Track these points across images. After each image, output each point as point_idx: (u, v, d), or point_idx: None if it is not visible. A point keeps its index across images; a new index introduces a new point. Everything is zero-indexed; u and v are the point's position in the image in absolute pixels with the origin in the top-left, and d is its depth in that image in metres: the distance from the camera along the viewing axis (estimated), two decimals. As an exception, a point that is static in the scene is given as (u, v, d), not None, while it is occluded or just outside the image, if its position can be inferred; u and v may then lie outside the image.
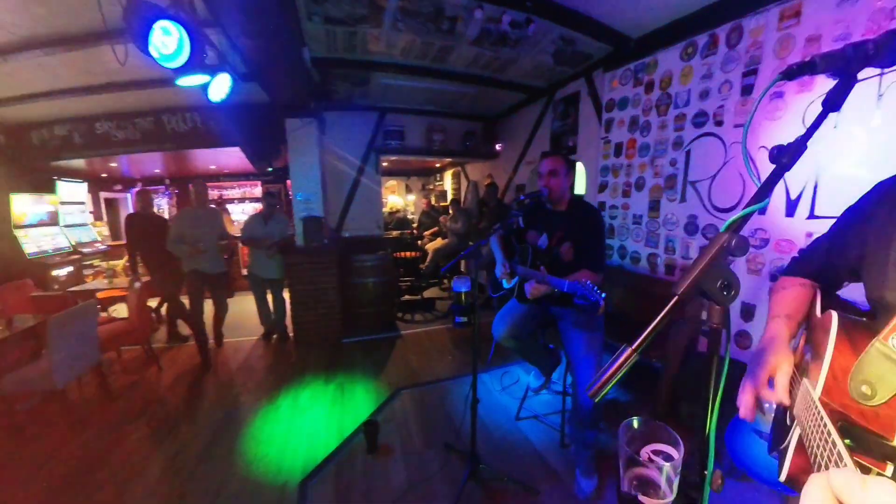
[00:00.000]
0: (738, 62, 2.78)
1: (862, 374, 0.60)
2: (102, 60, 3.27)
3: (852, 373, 0.61)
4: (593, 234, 2.22)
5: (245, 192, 10.39)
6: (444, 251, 6.45)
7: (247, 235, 4.45)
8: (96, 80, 3.91)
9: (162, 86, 4.00)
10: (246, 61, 3.41)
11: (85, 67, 3.57)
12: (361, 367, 3.84)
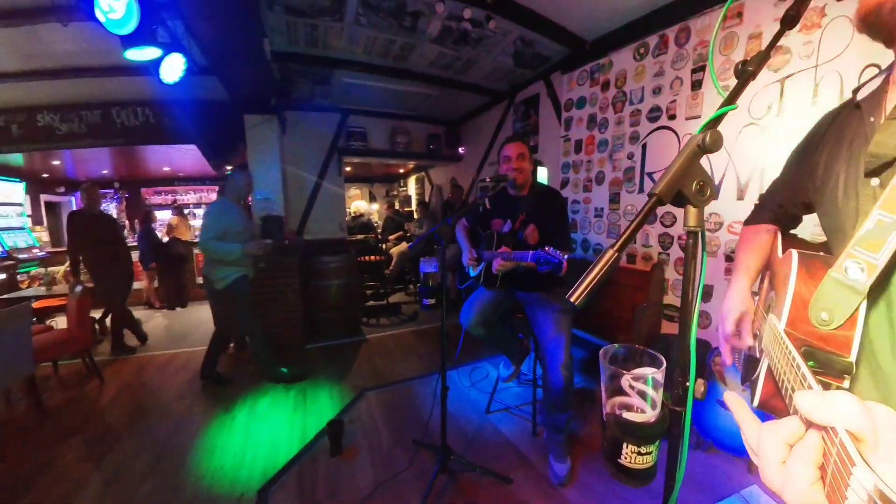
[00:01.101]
0: (687, 60, 2.94)
1: (821, 303, 0.62)
2: (45, 41, 3.02)
3: (812, 302, 0.63)
4: (556, 215, 2.26)
5: (202, 197, 9.93)
6: (409, 255, 6.39)
7: None
8: (37, 64, 3.59)
9: (112, 74, 3.75)
10: (203, 49, 3.25)
11: (24, 49, 3.27)
12: (325, 372, 3.67)
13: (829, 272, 0.62)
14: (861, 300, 0.58)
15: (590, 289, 0.58)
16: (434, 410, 2.13)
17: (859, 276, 0.59)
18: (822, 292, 0.63)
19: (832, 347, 0.60)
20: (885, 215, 0.58)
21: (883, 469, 0.29)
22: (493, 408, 2.83)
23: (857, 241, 0.60)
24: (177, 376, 3.66)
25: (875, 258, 0.58)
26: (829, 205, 0.77)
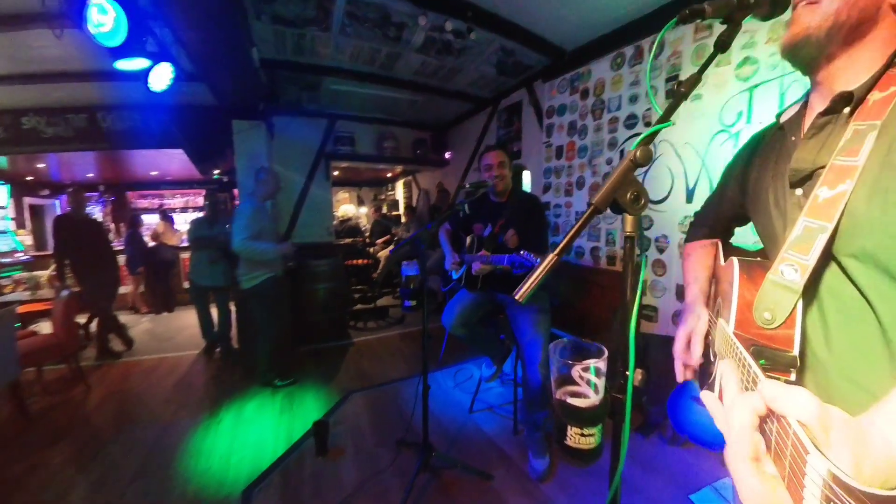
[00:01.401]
0: (661, 69, 3.05)
1: (763, 304, 0.69)
2: (31, 46, 3.03)
3: (755, 304, 0.70)
4: (534, 220, 2.35)
5: (188, 201, 9.84)
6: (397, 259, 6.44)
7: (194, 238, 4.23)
8: (23, 68, 3.58)
9: (99, 80, 3.75)
10: (191, 57, 3.29)
11: (10, 53, 3.27)
12: (312, 374, 3.71)
13: (767, 275, 0.69)
14: (797, 299, 0.66)
15: (532, 287, 0.66)
16: (416, 409, 2.19)
17: (794, 276, 0.66)
18: (763, 294, 0.69)
19: (777, 344, 0.67)
20: (811, 221, 0.66)
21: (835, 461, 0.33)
22: (476, 407, 2.90)
23: (789, 246, 0.68)
24: (163, 381, 3.66)
25: (806, 259, 0.65)
26: (762, 215, 0.86)
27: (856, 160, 0.62)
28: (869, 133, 0.62)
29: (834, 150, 0.66)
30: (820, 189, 0.66)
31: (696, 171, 2.82)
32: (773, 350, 0.67)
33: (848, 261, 0.65)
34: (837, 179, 0.64)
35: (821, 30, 0.65)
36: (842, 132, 0.66)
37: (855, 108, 0.66)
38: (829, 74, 0.70)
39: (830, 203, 0.64)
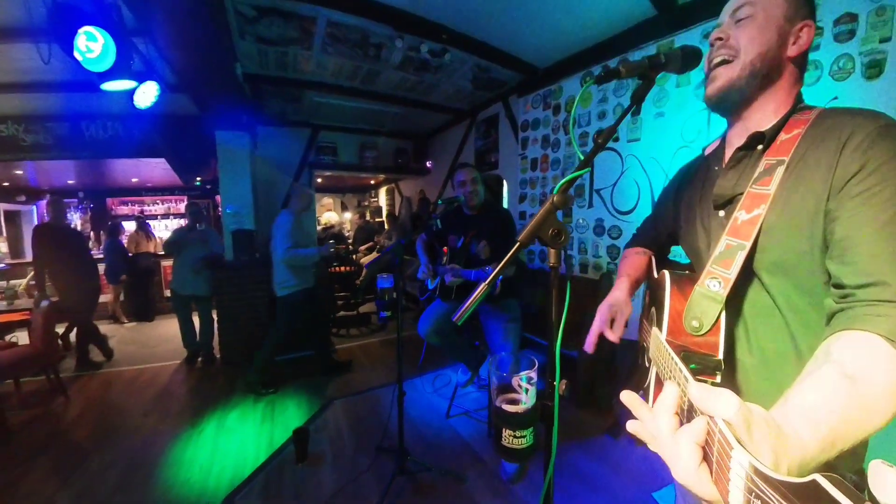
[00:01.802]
0: (627, 88, 3.23)
1: (692, 313, 0.78)
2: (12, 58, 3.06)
3: (685, 313, 0.79)
4: (504, 231, 2.49)
5: (170, 208, 9.71)
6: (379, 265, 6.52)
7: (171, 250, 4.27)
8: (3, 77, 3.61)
9: (81, 90, 3.77)
10: (176, 73, 3.35)
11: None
12: (295, 383, 3.76)
13: (695, 287, 0.80)
14: (721, 309, 0.76)
15: (467, 311, 0.77)
16: (393, 415, 2.28)
17: (718, 288, 0.76)
18: (692, 304, 0.79)
19: (704, 350, 0.76)
20: (732, 240, 0.78)
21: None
22: (452, 412, 3.00)
23: (714, 261, 0.79)
24: (144, 392, 3.68)
25: (728, 273, 0.76)
26: (690, 234, 0.99)
27: (768, 189, 0.74)
28: (778, 167, 0.75)
29: (750, 179, 0.79)
30: (739, 212, 0.78)
31: (661, 183, 2.99)
32: (701, 355, 0.76)
33: (764, 275, 0.77)
34: (753, 205, 0.76)
35: (741, 79, 0.78)
36: (756, 165, 0.80)
37: (767, 146, 0.79)
38: (746, 116, 0.84)
39: (748, 224, 0.76)
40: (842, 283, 0.63)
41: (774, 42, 0.76)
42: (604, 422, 2.81)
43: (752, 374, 0.80)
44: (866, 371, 0.52)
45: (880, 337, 0.54)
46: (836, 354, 0.55)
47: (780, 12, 0.76)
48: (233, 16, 2.89)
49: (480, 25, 3.18)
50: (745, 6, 0.78)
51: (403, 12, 2.93)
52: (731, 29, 0.80)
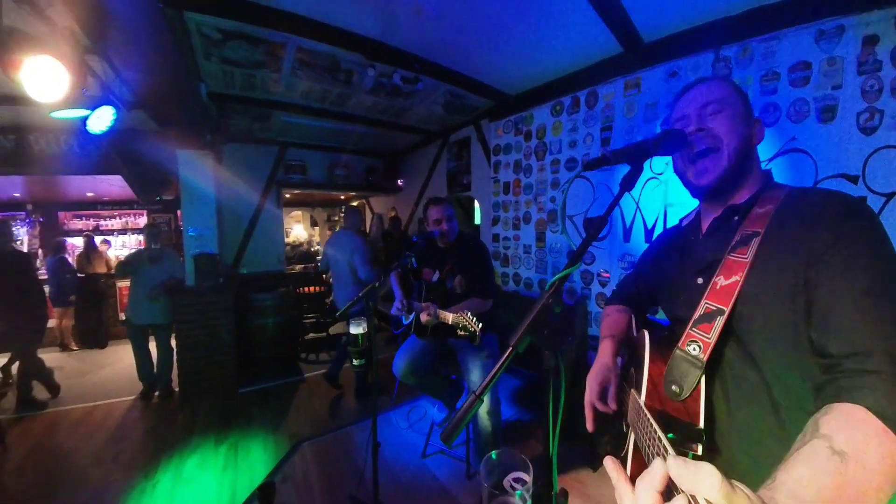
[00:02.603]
0: (596, 119, 3.30)
1: (671, 377, 0.78)
2: None
3: (664, 377, 0.79)
4: (478, 265, 2.46)
5: (128, 223, 9.07)
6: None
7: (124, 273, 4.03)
8: None
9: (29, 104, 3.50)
10: (135, 94, 3.15)
11: None
12: (259, 420, 3.56)
13: (675, 350, 0.80)
14: (701, 373, 0.75)
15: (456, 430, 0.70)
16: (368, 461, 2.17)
17: (698, 352, 0.77)
18: (672, 367, 0.79)
19: (684, 417, 0.75)
20: (711, 304, 0.80)
21: None
22: (428, 451, 2.91)
23: (693, 324, 0.80)
24: (94, 436, 3.38)
25: (708, 337, 0.77)
26: (670, 297, 1.01)
27: (745, 258, 0.78)
28: (754, 238, 0.78)
29: (726, 248, 0.82)
30: (718, 278, 0.80)
31: (632, 213, 3.05)
32: (681, 422, 0.75)
33: (745, 341, 0.78)
34: (731, 272, 0.79)
35: (731, 165, 0.85)
36: (732, 235, 0.83)
37: (742, 218, 0.84)
38: (723, 192, 0.89)
39: (726, 290, 0.78)
40: (827, 351, 0.65)
41: (747, 133, 0.86)
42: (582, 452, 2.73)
43: (733, 447, 0.79)
44: (856, 447, 0.52)
45: (868, 411, 0.55)
46: (825, 429, 0.55)
47: (741, 110, 0.87)
48: (197, 37, 2.75)
49: (452, 55, 3.18)
50: (713, 103, 0.87)
51: (375, 41, 2.88)
52: (707, 121, 0.87)
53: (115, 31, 2.31)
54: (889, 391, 0.55)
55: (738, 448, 0.78)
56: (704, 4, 2.40)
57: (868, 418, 0.54)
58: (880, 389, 0.56)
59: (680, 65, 2.75)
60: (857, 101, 2.08)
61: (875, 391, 0.56)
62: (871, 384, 0.57)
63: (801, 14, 2.21)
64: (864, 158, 2.05)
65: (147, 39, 2.44)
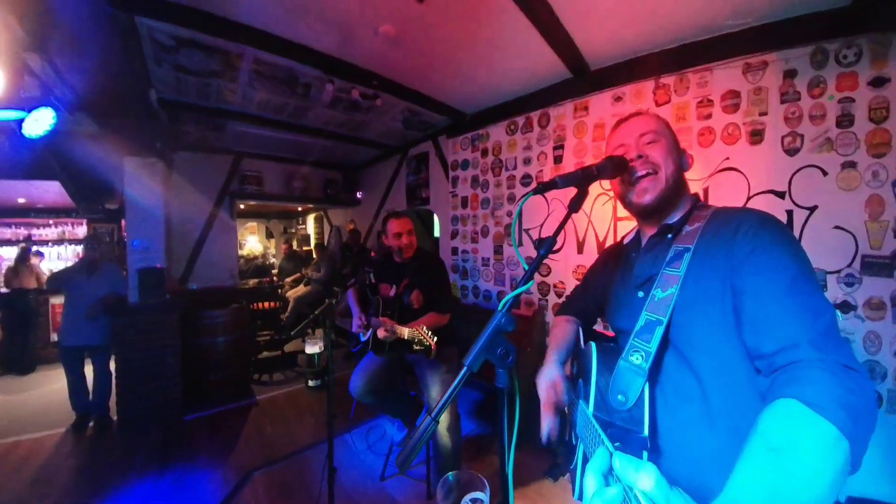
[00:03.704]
0: (549, 139, 3.43)
1: (617, 387, 0.81)
2: None
3: (610, 387, 0.82)
4: (435, 280, 2.46)
5: (65, 233, 8.18)
6: (307, 299, 6.19)
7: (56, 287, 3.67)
8: None
9: None
10: (78, 96, 2.93)
11: None
12: (207, 450, 3.30)
13: (619, 360, 0.84)
14: (644, 382, 0.79)
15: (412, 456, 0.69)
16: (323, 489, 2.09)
17: (640, 362, 0.81)
18: (617, 377, 0.83)
19: (630, 426, 0.78)
20: (651, 315, 0.85)
21: None
22: (388, 473, 2.83)
23: (635, 335, 0.85)
24: (17, 475, 3.01)
25: (649, 347, 0.82)
26: (614, 309, 1.07)
27: (678, 271, 0.84)
28: (685, 253, 0.86)
29: (662, 263, 0.89)
30: (655, 290, 0.87)
31: (584, 226, 3.17)
32: (626, 431, 0.78)
33: (682, 348, 0.84)
34: (667, 284, 0.85)
35: (669, 188, 0.94)
36: (667, 251, 0.90)
37: (675, 236, 0.92)
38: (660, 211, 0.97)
39: (664, 302, 0.84)
40: (761, 351, 0.71)
41: (678, 160, 0.96)
42: (542, 463, 2.77)
43: (671, 447, 0.83)
44: (789, 440, 0.55)
45: (797, 401, 0.57)
46: (762, 428, 0.58)
47: (672, 141, 0.98)
48: (148, 42, 2.61)
49: (410, 75, 3.22)
50: (649, 133, 0.97)
51: (334, 58, 2.87)
52: (645, 149, 0.95)
53: (59, 30, 2.15)
54: (816, 377, 0.60)
55: (676, 451, 0.82)
56: (644, 38, 2.61)
57: (799, 409, 0.57)
58: (808, 378, 0.60)
59: (624, 90, 2.95)
60: (781, 125, 2.31)
61: (803, 381, 0.60)
62: (800, 375, 0.61)
63: (729, 50, 2.45)
64: (789, 176, 2.28)
65: (94, 40, 2.30)
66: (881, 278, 2.06)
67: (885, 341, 2.06)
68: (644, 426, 0.77)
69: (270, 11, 2.35)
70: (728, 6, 2.21)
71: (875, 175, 2.06)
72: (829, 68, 2.19)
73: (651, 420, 0.79)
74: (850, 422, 0.55)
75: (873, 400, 0.60)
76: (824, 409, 0.55)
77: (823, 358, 0.62)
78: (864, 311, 2.10)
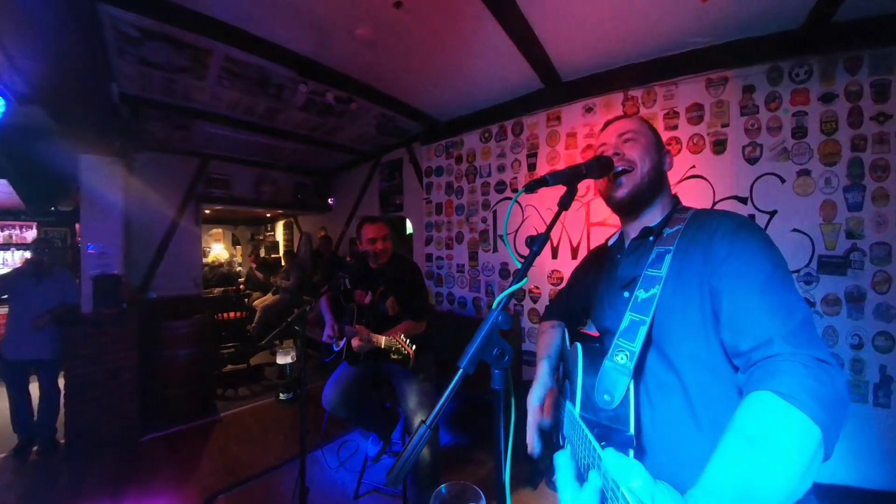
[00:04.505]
0: (522, 146, 3.50)
1: (603, 386, 0.82)
2: None
3: (596, 387, 0.83)
4: (411, 287, 2.41)
5: (11, 236, 7.51)
6: (275, 308, 5.98)
7: None
8: None
9: None
10: (31, 86, 2.72)
11: None
12: (165, 473, 3.03)
13: (604, 360, 0.85)
14: (629, 381, 0.80)
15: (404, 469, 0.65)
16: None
17: (625, 361, 0.82)
18: (602, 377, 0.83)
19: (616, 424, 0.78)
20: (634, 315, 0.86)
21: None
22: (362, 490, 2.69)
23: (620, 335, 0.86)
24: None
25: (633, 347, 0.83)
26: (599, 310, 1.08)
27: (660, 272, 0.87)
28: (667, 254, 0.88)
29: (645, 264, 0.91)
30: (639, 291, 0.88)
31: (559, 232, 3.23)
32: (613, 430, 0.78)
33: (665, 347, 0.85)
34: (650, 285, 0.87)
35: (643, 184, 0.97)
36: (649, 252, 0.92)
37: (656, 238, 0.94)
38: (640, 215, 1.00)
39: (647, 302, 0.86)
40: (739, 349, 0.73)
41: (657, 160, 0.99)
42: (522, 471, 2.72)
43: (656, 445, 0.84)
44: (764, 430, 0.57)
45: (772, 393, 0.60)
46: (739, 420, 0.60)
47: (651, 140, 1.01)
48: (111, 32, 2.45)
49: (385, 80, 3.20)
50: (629, 132, 1.00)
51: (308, 59, 2.81)
52: (623, 147, 0.99)
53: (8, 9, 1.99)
54: (789, 370, 0.62)
55: (660, 448, 0.84)
56: (614, 53, 2.72)
57: (773, 400, 0.59)
58: (782, 371, 0.63)
59: (595, 102, 3.06)
60: (742, 136, 2.47)
61: (778, 374, 0.63)
62: (774, 368, 0.64)
63: (693, 66, 2.60)
64: (750, 183, 2.44)
65: (50, 26, 2.12)
66: (836, 276, 2.24)
67: (842, 335, 2.23)
68: (630, 425, 0.78)
69: (244, 7, 2.28)
70: (692, 26, 2.33)
71: (828, 182, 2.24)
72: (784, 85, 2.36)
73: (636, 418, 0.80)
74: (822, 412, 0.57)
75: (845, 391, 0.62)
76: (797, 399, 0.58)
77: (797, 352, 0.64)
78: (822, 307, 2.27)
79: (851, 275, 2.21)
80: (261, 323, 5.95)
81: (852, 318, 2.22)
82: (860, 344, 2.20)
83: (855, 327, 2.21)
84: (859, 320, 2.21)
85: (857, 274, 2.20)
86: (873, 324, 2.18)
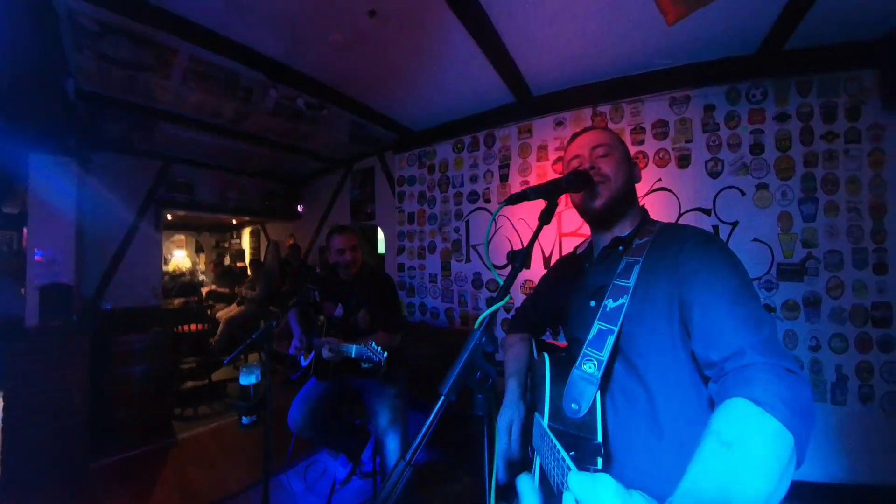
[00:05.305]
0: (495, 158, 3.53)
1: (570, 395, 0.82)
2: None
3: (564, 397, 0.83)
4: (383, 298, 2.35)
5: None
6: (240, 320, 5.75)
7: None
8: None
9: None
10: None
11: None
12: (117, 502, 2.79)
13: (572, 370, 0.85)
14: (597, 390, 0.81)
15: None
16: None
17: (593, 370, 0.83)
18: (570, 387, 0.83)
19: (584, 433, 0.79)
20: (602, 325, 0.87)
21: None
22: (330, 515, 2.53)
23: (588, 344, 0.87)
24: None
25: (601, 355, 0.84)
26: (567, 320, 1.08)
27: (629, 282, 0.88)
28: (635, 265, 0.89)
29: (615, 274, 0.92)
30: (607, 300, 0.89)
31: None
32: (581, 439, 0.78)
33: (632, 357, 0.86)
34: (618, 295, 0.88)
35: (618, 195, 0.99)
36: (618, 262, 0.94)
37: (626, 248, 0.95)
38: (612, 226, 1.02)
39: (615, 311, 0.87)
40: (710, 360, 0.74)
41: (629, 173, 1.02)
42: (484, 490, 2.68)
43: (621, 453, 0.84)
44: (739, 435, 0.58)
45: (746, 400, 0.61)
46: (714, 426, 0.61)
47: (623, 154, 1.03)
48: (67, 24, 2.31)
49: (357, 87, 3.16)
50: (601, 146, 1.02)
51: (278, 62, 2.74)
52: (598, 161, 1.00)
53: None
54: (762, 378, 0.64)
55: (625, 457, 0.84)
56: (583, 71, 2.81)
57: (747, 406, 0.60)
58: (755, 379, 0.64)
59: (565, 116, 3.15)
60: (704, 151, 2.60)
61: (751, 382, 0.64)
62: (748, 377, 0.65)
63: (658, 84, 2.72)
64: (713, 195, 2.57)
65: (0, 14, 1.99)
66: (794, 283, 2.39)
67: (801, 338, 2.37)
68: (598, 433, 0.79)
69: (212, 7, 2.19)
70: (656, 47, 2.44)
71: (784, 195, 2.40)
72: (742, 104, 2.50)
73: (603, 427, 0.80)
74: (794, 418, 0.59)
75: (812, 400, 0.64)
76: (771, 406, 0.59)
77: (767, 362, 0.66)
78: (782, 312, 2.40)
79: (808, 281, 2.36)
80: (225, 335, 5.68)
81: (810, 321, 2.36)
82: (818, 346, 2.34)
83: (812, 330, 2.35)
84: (816, 324, 2.35)
85: (812, 280, 2.35)
86: (829, 326, 2.33)
